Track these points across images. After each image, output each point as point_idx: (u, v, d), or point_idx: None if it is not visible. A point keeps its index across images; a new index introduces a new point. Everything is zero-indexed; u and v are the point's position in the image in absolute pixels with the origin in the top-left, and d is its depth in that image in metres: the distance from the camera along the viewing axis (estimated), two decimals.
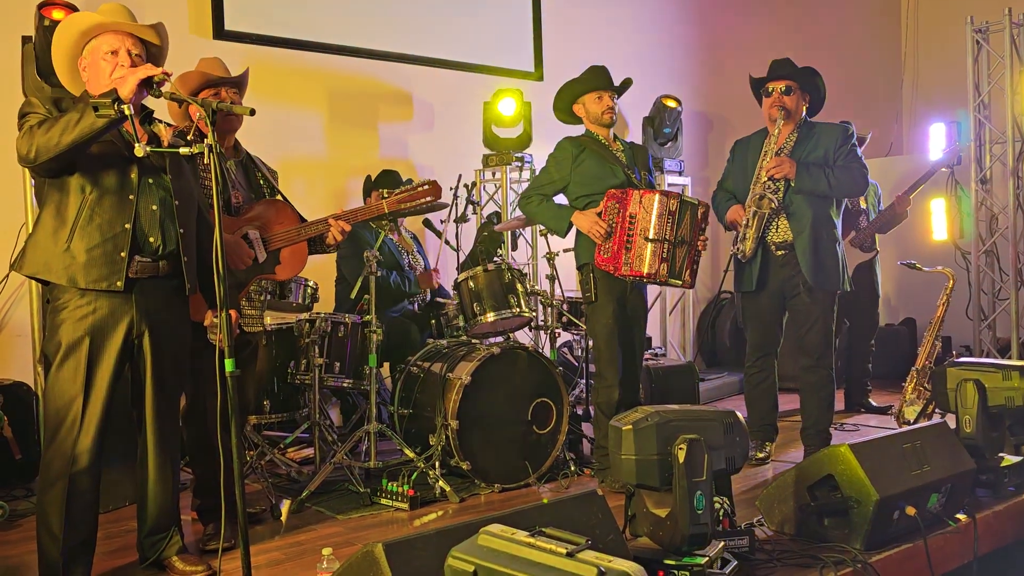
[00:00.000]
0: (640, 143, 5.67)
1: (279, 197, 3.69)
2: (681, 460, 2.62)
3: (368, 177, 5.30)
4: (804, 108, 4.35)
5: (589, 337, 4.53)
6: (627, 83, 4.18)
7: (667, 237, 3.87)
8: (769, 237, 4.27)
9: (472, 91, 6.23)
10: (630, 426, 2.70)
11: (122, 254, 2.82)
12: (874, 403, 5.75)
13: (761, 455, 4.41)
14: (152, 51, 2.95)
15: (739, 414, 2.90)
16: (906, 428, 4.07)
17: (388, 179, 5.06)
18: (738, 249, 4.28)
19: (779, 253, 4.26)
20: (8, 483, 4.09)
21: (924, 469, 3.15)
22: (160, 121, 2.99)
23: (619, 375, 4.00)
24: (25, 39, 4.01)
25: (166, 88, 2.70)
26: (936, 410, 4.79)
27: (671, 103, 6.68)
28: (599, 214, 3.92)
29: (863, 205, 5.49)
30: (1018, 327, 6.48)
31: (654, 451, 2.68)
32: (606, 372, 4.02)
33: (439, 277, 5.21)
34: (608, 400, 4.01)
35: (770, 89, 4.31)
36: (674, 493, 2.64)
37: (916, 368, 5.10)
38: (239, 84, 3.62)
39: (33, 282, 4.13)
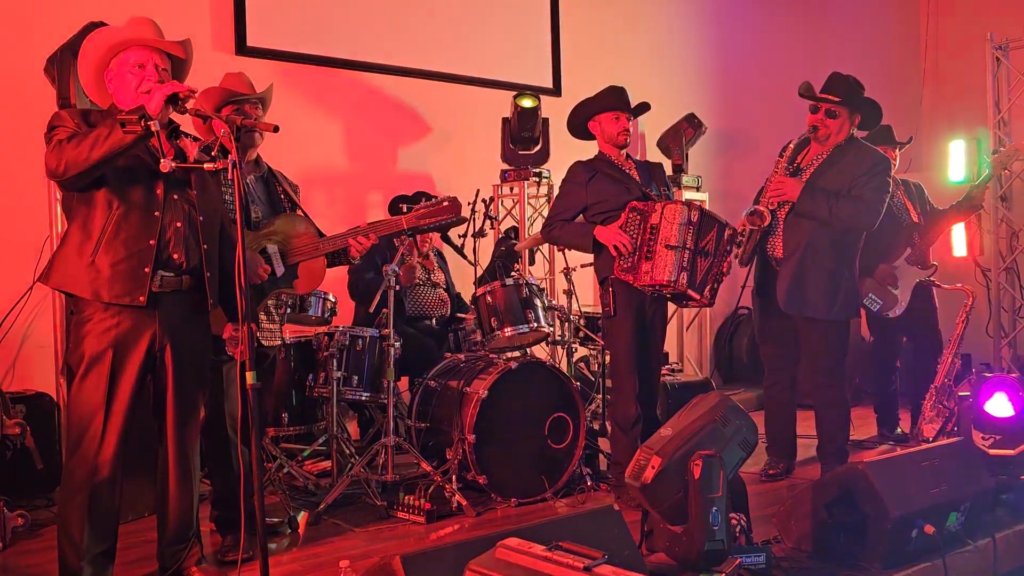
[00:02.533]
0: (655, 160, 5.69)
1: (300, 212, 3.72)
2: (697, 476, 2.63)
3: (397, 197, 5.33)
4: (849, 131, 4.20)
5: (607, 351, 4.53)
6: (644, 107, 4.19)
7: (688, 245, 3.88)
8: (771, 252, 4.25)
9: (491, 106, 6.26)
10: (648, 482, 2.72)
11: (146, 269, 2.85)
12: (898, 431, 5.44)
13: (774, 471, 4.39)
14: (176, 64, 3.00)
15: (725, 398, 2.91)
16: (925, 446, 4.04)
17: (421, 199, 5.06)
18: (736, 255, 4.25)
19: (779, 269, 4.23)
20: (30, 493, 4.12)
21: (942, 487, 3.14)
22: (187, 135, 3.03)
23: (636, 390, 4.00)
24: (58, 56, 4.05)
25: (190, 104, 2.74)
26: (955, 428, 4.76)
27: (697, 120, 6.72)
28: (621, 227, 3.93)
29: (915, 220, 5.24)
30: None
31: (680, 488, 2.70)
32: (623, 387, 4.02)
33: (419, 273, 5.12)
34: (625, 415, 4.01)
35: (816, 107, 4.18)
36: (690, 510, 2.65)
37: (935, 386, 5.06)
38: (263, 100, 3.67)
39: (56, 293, 4.18)
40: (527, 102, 5.87)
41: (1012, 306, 6.80)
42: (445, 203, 3.77)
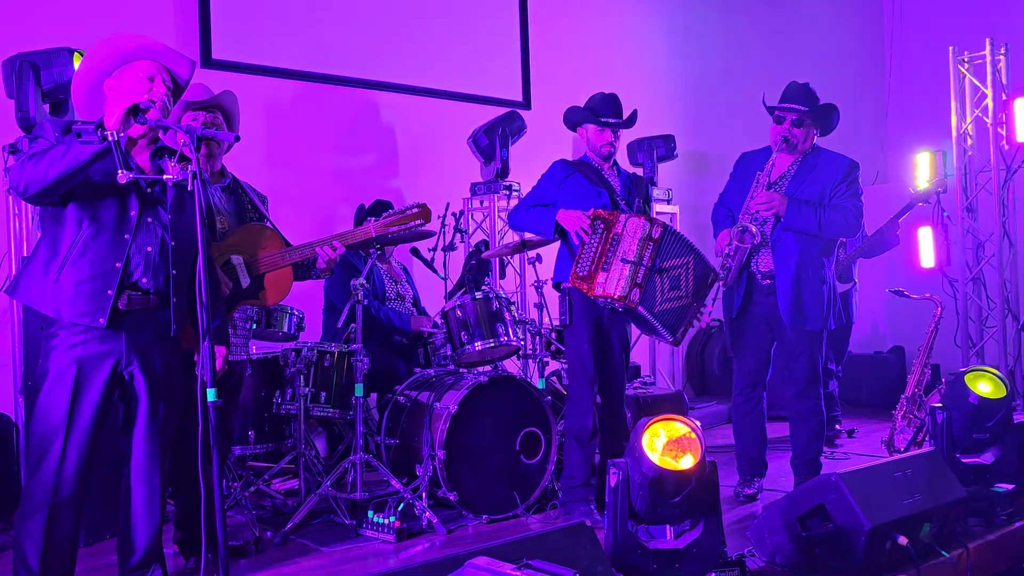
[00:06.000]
0: (640, 173, 5.68)
1: (267, 222, 3.66)
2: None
3: (361, 205, 5.27)
4: (814, 138, 4.24)
5: (565, 361, 4.47)
6: (632, 119, 4.12)
7: (644, 262, 3.83)
8: (755, 267, 4.23)
9: (460, 120, 6.24)
10: None
11: (109, 292, 2.80)
12: (838, 427, 5.64)
13: (750, 491, 4.33)
14: (176, 89, 2.94)
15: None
16: (897, 456, 4.04)
17: (380, 208, 5.02)
18: (721, 276, 4.23)
19: (765, 282, 4.21)
20: None
21: (915, 498, 3.13)
22: (172, 155, 2.94)
23: (594, 401, 3.95)
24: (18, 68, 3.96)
25: (151, 115, 2.69)
26: (926, 438, 4.77)
27: (667, 133, 6.75)
28: (583, 229, 3.89)
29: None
30: (1006, 354, 6.49)
31: None
32: (579, 397, 3.95)
33: (429, 325, 5.14)
34: (582, 426, 3.93)
35: (781, 117, 4.19)
36: None
37: (906, 396, 5.09)
38: (220, 106, 3.59)
39: (16, 311, 4.08)
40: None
41: (979, 316, 6.86)
42: (414, 210, 3.71)
